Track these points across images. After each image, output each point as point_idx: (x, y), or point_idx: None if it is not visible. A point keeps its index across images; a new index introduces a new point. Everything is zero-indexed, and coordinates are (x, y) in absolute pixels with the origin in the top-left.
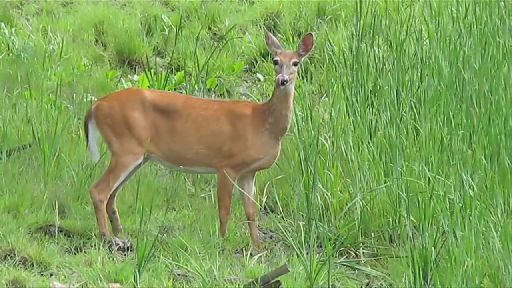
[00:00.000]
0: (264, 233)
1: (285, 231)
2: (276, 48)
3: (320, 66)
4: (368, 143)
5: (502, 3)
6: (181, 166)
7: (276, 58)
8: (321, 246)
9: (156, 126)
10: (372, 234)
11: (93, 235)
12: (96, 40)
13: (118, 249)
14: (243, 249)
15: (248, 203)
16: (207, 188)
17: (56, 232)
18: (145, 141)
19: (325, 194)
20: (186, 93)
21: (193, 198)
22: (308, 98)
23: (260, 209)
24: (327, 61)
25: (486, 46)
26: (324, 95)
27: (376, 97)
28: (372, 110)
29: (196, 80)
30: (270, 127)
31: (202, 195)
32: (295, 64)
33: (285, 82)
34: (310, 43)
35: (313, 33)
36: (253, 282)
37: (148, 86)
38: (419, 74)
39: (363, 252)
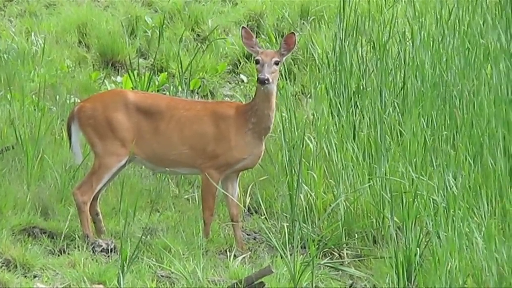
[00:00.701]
0: (247, 234)
1: (269, 232)
2: (257, 47)
3: (304, 67)
4: (352, 144)
5: (485, 4)
6: (166, 168)
7: (258, 57)
8: (304, 247)
9: (139, 128)
10: (356, 235)
11: (77, 236)
12: (80, 42)
13: (101, 251)
14: (227, 250)
15: (232, 204)
16: (191, 190)
17: (40, 234)
18: (129, 142)
19: (308, 195)
20: (170, 94)
21: (177, 199)
22: (292, 99)
23: (244, 210)
24: (310, 62)
25: (469, 47)
26: (308, 96)
27: (359, 98)
28: (356, 111)
29: (179, 81)
30: (253, 127)
31: (186, 196)
32: (276, 63)
33: (266, 82)
34: (292, 42)
35: (295, 33)
36: (237, 283)
37: (132, 88)
38: (402, 75)
39: (346, 253)
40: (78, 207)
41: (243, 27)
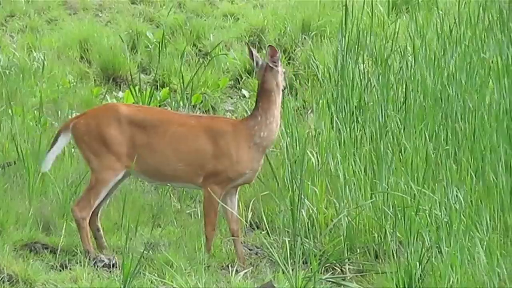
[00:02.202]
0: (249, 249)
1: (271, 247)
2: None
3: (305, 82)
4: (354, 158)
5: (487, 19)
6: (166, 183)
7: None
8: (306, 262)
9: (133, 141)
10: (358, 250)
11: (79, 252)
12: (81, 57)
13: (103, 266)
14: (229, 265)
15: (232, 219)
16: (193, 205)
17: (41, 249)
18: (123, 156)
19: (310, 210)
20: (171, 110)
21: (179, 214)
22: (293, 114)
23: (246, 225)
24: (312, 77)
25: (471, 62)
26: (309, 111)
27: (361, 113)
28: (358, 126)
29: (181, 97)
30: (261, 141)
31: (188, 211)
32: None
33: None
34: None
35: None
36: None
37: (133, 103)
38: (404, 90)
39: (348, 268)
40: (77, 223)
41: (269, 45)
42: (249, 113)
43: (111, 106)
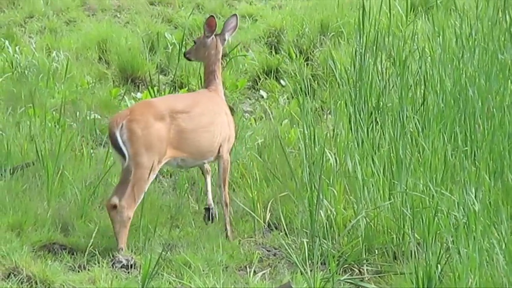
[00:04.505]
0: (267, 250)
1: (289, 248)
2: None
3: (323, 83)
4: (372, 159)
5: (505, 20)
6: (203, 161)
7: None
8: (324, 263)
9: (176, 130)
10: (376, 251)
11: (97, 252)
12: (100, 58)
13: (121, 267)
14: (247, 266)
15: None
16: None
17: (60, 250)
18: (170, 147)
19: (329, 211)
20: None
21: (197, 215)
22: (312, 115)
23: (264, 226)
24: (330, 78)
25: (490, 63)
26: (328, 112)
27: (379, 114)
28: (376, 127)
29: None
30: None
31: None
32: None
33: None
34: (213, 25)
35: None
36: None
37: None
38: (423, 91)
39: (367, 269)
40: (122, 220)
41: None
42: (267, 113)
43: (148, 103)
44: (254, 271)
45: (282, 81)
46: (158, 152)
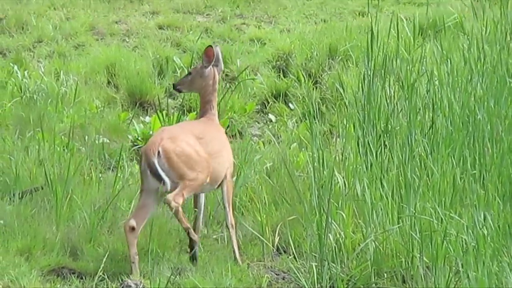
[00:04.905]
0: (276, 274)
1: (298, 272)
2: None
3: (332, 106)
4: (381, 183)
5: None
6: (214, 187)
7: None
8: (333, 287)
9: (206, 153)
10: (385, 274)
11: (106, 277)
12: (108, 82)
13: None
14: None
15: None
16: (219, 230)
17: (69, 274)
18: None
19: (337, 235)
20: None
21: (205, 239)
22: (320, 138)
23: (273, 250)
24: (339, 101)
25: (498, 86)
26: (336, 135)
27: (388, 137)
28: (384, 150)
29: None
30: None
31: (214, 236)
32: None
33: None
34: (211, 55)
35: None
36: None
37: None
38: (431, 114)
39: None
40: (176, 211)
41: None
42: (275, 137)
43: (174, 128)
44: None
45: (290, 105)
46: (206, 167)
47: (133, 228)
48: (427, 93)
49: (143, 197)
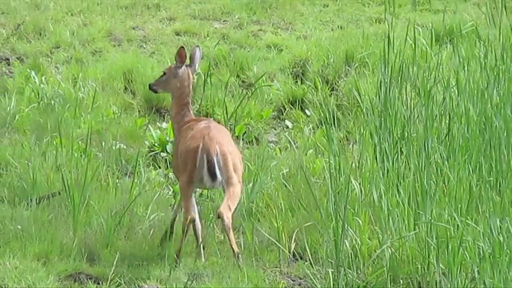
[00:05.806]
0: (292, 280)
1: (314, 278)
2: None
3: (348, 113)
4: (397, 189)
5: None
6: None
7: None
8: None
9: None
10: (401, 281)
11: (123, 282)
12: (125, 88)
13: None
14: None
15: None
16: (236, 235)
17: (86, 280)
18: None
19: (354, 241)
20: None
21: (222, 245)
22: (337, 144)
23: (289, 256)
24: (355, 108)
25: None
26: (353, 142)
27: (404, 144)
28: (401, 157)
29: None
30: None
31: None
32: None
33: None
34: (183, 56)
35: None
36: None
37: None
38: (448, 121)
39: None
40: (227, 228)
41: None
42: (292, 143)
43: (220, 126)
44: None
45: (307, 111)
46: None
47: (194, 220)
48: (443, 100)
49: (191, 190)
